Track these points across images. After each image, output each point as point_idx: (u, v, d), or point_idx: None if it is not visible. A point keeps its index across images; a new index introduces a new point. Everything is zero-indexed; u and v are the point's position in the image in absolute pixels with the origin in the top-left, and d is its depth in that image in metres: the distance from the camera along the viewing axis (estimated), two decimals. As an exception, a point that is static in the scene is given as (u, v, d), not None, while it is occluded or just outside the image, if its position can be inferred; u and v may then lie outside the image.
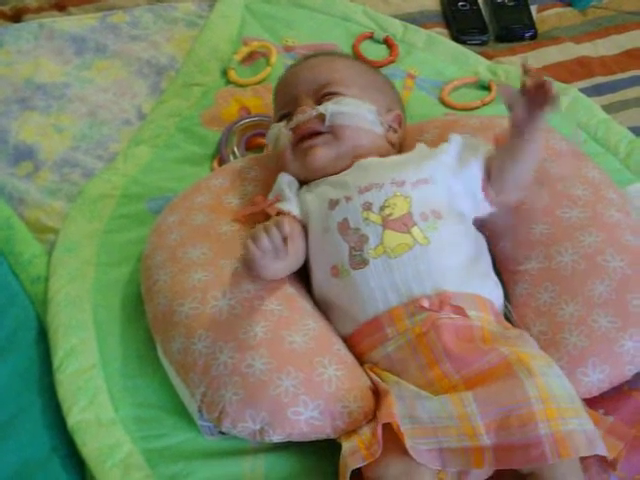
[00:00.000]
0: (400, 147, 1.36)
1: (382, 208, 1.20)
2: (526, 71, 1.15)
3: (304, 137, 1.29)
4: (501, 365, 1.07)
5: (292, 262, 1.21)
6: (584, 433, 1.03)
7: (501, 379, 1.06)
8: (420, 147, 1.32)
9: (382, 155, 1.30)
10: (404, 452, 1.02)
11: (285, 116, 1.33)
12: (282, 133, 1.31)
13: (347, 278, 1.19)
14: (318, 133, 1.28)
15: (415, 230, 1.18)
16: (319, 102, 1.31)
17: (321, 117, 1.28)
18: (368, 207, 1.21)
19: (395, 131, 1.35)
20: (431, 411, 1.06)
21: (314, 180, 1.29)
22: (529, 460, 1.01)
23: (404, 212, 1.19)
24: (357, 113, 1.29)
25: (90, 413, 1.20)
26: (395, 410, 1.06)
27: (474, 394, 1.06)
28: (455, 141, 1.27)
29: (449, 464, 1.04)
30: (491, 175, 1.23)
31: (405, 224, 1.19)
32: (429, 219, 1.19)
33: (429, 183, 1.23)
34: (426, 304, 1.15)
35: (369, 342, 1.17)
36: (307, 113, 1.29)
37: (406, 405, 1.07)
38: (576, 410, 1.06)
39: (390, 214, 1.19)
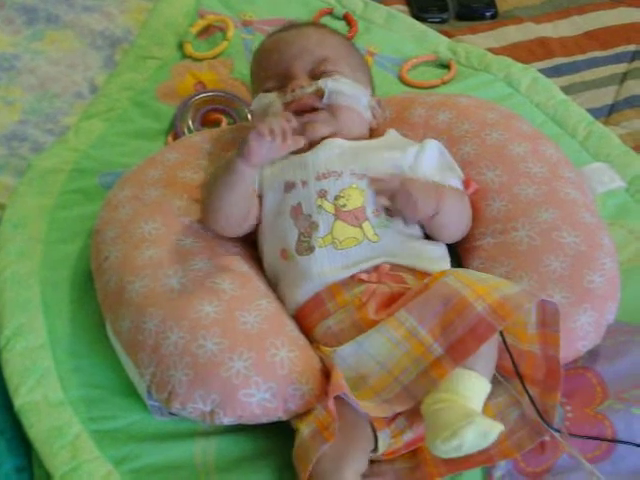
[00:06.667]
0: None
1: (337, 197, 1.19)
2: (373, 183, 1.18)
3: (301, 112, 1.25)
4: (421, 286, 1.10)
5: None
6: (523, 291, 1.06)
7: (425, 290, 1.08)
8: (391, 134, 1.30)
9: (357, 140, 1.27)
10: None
11: (276, 88, 1.29)
12: (274, 105, 1.27)
13: (293, 262, 1.19)
14: (314, 109, 1.26)
15: (366, 225, 1.18)
16: (316, 78, 1.28)
17: (319, 93, 1.26)
18: (323, 195, 1.20)
19: (376, 116, 1.33)
20: (375, 350, 1.07)
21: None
22: (480, 340, 1.03)
23: (358, 205, 1.19)
24: (354, 94, 1.28)
25: (38, 394, 1.18)
26: (343, 381, 1.05)
27: (406, 309, 1.08)
28: (431, 149, 1.26)
29: (417, 394, 1.04)
30: None
31: (357, 217, 1.18)
32: (382, 215, 1.19)
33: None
34: (364, 277, 1.15)
35: (312, 319, 1.17)
36: (305, 88, 1.26)
37: (349, 364, 1.08)
38: (508, 283, 1.08)
39: (344, 205, 1.19)
